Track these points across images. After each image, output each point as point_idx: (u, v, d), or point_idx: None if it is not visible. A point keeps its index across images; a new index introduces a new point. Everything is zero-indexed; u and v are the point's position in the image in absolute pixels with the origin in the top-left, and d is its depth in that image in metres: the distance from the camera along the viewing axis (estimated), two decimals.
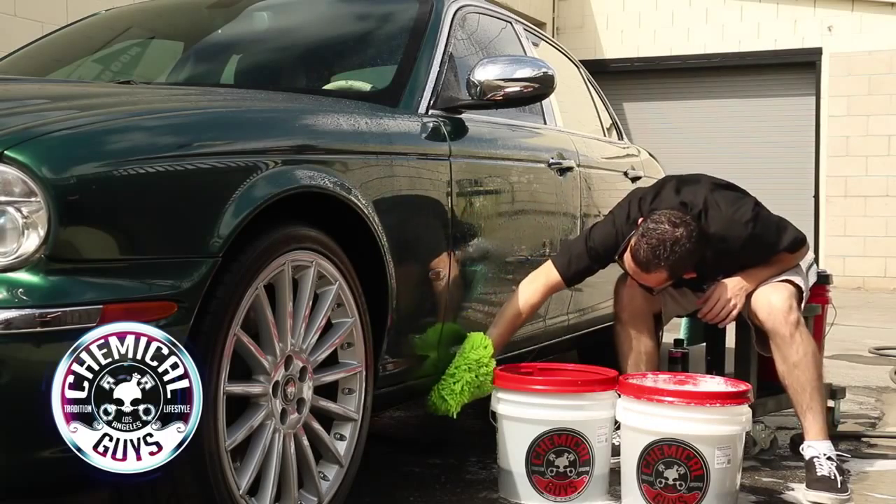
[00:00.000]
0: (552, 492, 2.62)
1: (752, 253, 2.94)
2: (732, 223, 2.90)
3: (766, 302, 2.89)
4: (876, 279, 10.15)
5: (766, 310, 2.89)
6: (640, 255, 2.82)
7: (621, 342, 3.11)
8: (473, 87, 2.79)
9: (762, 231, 2.93)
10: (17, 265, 1.63)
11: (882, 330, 6.66)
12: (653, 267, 2.81)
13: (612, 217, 3.07)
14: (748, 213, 2.92)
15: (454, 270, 2.71)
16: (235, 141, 2.00)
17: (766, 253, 2.96)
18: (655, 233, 2.79)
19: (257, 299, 1.98)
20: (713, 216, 2.90)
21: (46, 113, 1.87)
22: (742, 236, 2.89)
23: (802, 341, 2.85)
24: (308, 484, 2.18)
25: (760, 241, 2.92)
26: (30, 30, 4.86)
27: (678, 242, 2.77)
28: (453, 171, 2.72)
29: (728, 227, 2.89)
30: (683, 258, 2.80)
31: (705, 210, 2.91)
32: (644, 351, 3.07)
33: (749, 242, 2.90)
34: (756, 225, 2.91)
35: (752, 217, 2.92)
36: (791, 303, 2.87)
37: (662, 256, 2.78)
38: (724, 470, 2.49)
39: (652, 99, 11.09)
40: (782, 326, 2.84)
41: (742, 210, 2.92)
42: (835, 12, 10.41)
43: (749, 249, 2.92)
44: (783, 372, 2.87)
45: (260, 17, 3.43)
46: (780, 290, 2.91)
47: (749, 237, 2.90)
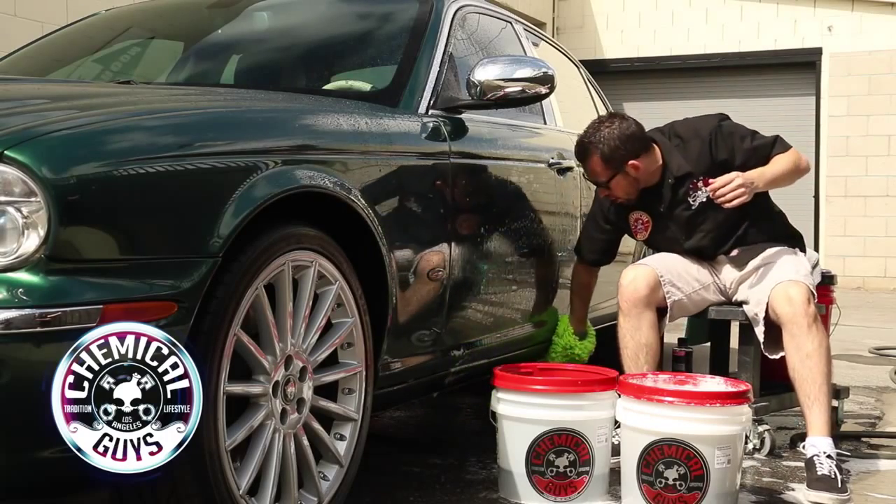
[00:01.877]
0: (552, 492, 2.62)
1: (733, 153, 3.12)
2: (700, 120, 3.23)
3: (785, 294, 2.95)
4: (876, 279, 10.15)
5: (785, 301, 2.94)
6: (575, 148, 3.19)
7: (622, 334, 3.12)
8: (473, 87, 2.79)
9: (732, 128, 3.18)
10: (17, 265, 1.63)
11: (882, 330, 6.66)
12: (586, 152, 3.13)
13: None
14: (715, 117, 3.23)
15: (454, 270, 2.71)
16: (235, 141, 2.00)
17: (751, 153, 3.12)
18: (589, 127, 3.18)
19: (257, 299, 1.98)
20: (680, 122, 3.27)
21: (46, 113, 1.86)
22: (710, 129, 3.13)
23: (818, 333, 2.89)
24: (308, 484, 2.18)
25: (733, 135, 3.14)
26: (30, 30, 4.86)
27: (604, 124, 3.13)
28: (453, 171, 2.72)
29: (696, 122, 3.22)
30: (612, 138, 3.07)
31: (672, 127, 3.25)
32: (645, 343, 3.07)
33: (720, 136, 3.12)
34: (724, 121, 3.19)
35: (720, 117, 3.22)
36: (809, 297, 2.94)
37: (590, 136, 3.12)
38: (724, 470, 2.49)
39: (652, 99, 11.08)
40: (801, 317, 2.89)
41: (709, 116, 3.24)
42: (835, 12, 10.41)
43: (723, 144, 3.12)
44: (795, 362, 2.89)
45: (260, 17, 3.43)
46: (799, 285, 2.97)
47: (717, 127, 3.14)
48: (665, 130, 3.25)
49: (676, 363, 3.31)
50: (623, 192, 3.15)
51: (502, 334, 3.11)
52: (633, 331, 3.08)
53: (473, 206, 2.85)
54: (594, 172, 3.15)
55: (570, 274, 3.46)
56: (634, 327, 3.08)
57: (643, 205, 3.21)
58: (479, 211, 2.89)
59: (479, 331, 2.97)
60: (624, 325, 3.11)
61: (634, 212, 3.24)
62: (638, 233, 3.28)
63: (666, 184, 3.15)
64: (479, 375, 2.98)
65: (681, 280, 3.16)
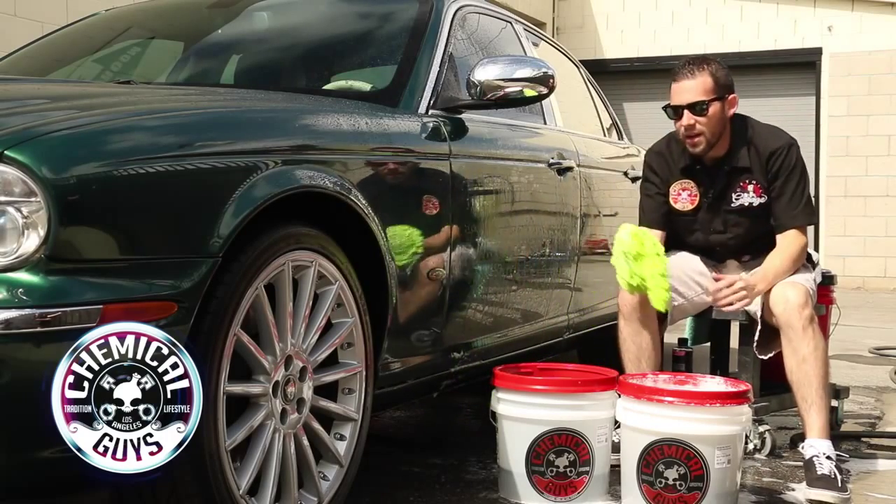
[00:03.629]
0: (552, 492, 2.62)
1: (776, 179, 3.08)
2: (776, 130, 3.19)
3: (782, 296, 2.95)
4: (876, 279, 10.15)
5: (782, 303, 2.93)
6: (676, 71, 3.16)
7: (623, 338, 3.12)
8: (473, 87, 2.79)
9: (797, 159, 3.11)
10: (17, 265, 1.63)
11: (882, 330, 6.66)
12: (702, 63, 3.12)
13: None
14: (790, 137, 3.17)
15: (454, 270, 2.71)
16: (235, 141, 2.00)
17: (783, 199, 3.08)
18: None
19: (257, 299, 1.98)
20: (755, 120, 3.22)
21: (46, 113, 1.86)
22: (780, 146, 3.09)
23: (814, 336, 2.89)
24: (308, 484, 2.18)
25: (794, 168, 3.09)
26: (30, 30, 4.86)
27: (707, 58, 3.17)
28: (453, 171, 2.72)
29: (772, 129, 3.18)
30: (724, 67, 3.13)
31: (746, 120, 3.21)
32: (645, 347, 3.07)
33: (786, 156, 3.08)
34: (794, 147, 3.12)
35: (793, 140, 3.15)
36: (806, 299, 2.93)
37: (702, 56, 3.17)
38: (724, 470, 2.49)
39: (652, 99, 11.05)
40: (797, 320, 2.88)
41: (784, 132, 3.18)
42: (835, 12, 10.41)
43: (782, 166, 3.08)
44: (791, 366, 2.89)
45: (260, 17, 3.43)
46: (797, 287, 2.96)
47: (787, 149, 3.09)
48: (740, 118, 3.21)
49: (676, 363, 3.31)
50: (711, 127, 3.09)
51: (502, 334, 3.10)
52: (635, 335, 3.07)
53: (473, 206, 2.85)
54: (702, 90, 3.08)
55: (572, 274, 3.44)
56: (635, 331, 3.07)
57: (698, 181, 3.19)
58: (479, 211, 2.89)
59: (479, 331, 2.97)
60: (624, 329, 3.10)
61: (687, 180, 3.20)
62: (678, 201, 3.21)
63: (722, 170, 3.14)
64: (480, 375, 2.98)
65: (684, 285, 3.15)
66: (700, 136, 3.09)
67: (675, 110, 3.13)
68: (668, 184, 3.22)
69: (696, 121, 3.08)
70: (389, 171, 2.47)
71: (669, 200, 3.22)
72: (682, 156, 3.19)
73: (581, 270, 3.62)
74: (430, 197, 2.63)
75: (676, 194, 3.21)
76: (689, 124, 3.09)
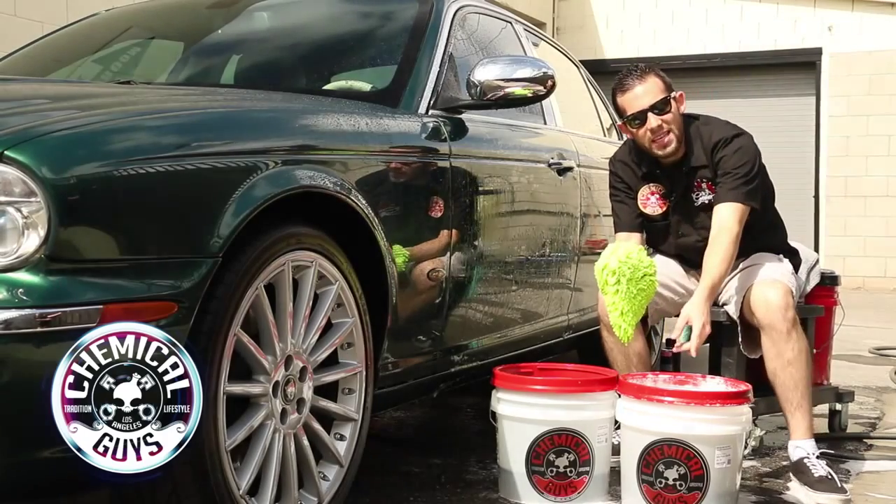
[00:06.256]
0: (552, 492, 2.62)
1: (723, 166, 3.04)
2: (725, 125, 3.15)
3: (763, 298, 2.89)
4: (876, 279, 10.14)
5: (763, 306, 2.88)
6: (620, 83, 3.10)
7: (609, 346, 3.09)
8: (473, 87, 2.79)
9: (741, 147, 3.06)
10: (17, 265, 1.63)
11: (882, 330, 6.65)
12: (645, 72, 3.08)
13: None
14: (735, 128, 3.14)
15: (454, 270, 2.71)
16: (235, 141, 2.00)
17: (721, 185, 3.03)
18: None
19: (257, 299, 1.99)
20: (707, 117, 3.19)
21: (46, 113, 1.87)
22: (723, 137, 3.06)
23: (798, 339, 2.85)
24: (308, 484, 2.18)
25: (733, 155, 3.04)
26: (30, 30, 4.86)
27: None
28: (453, 171, 2.72)
29: (720, 125, 3.14)
30: (658, 68, 3.12)
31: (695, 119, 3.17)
32: (633, 352, 3.05)
33: (723, 149, 3.04)
34: (740, 137, 3.08)
35: (738, 131, 3.11)
36: (788, 300, 2.87)
37: (640, 68, 3.10)
38: (724, 470, 2.49)
39: None
40: (780, 322, 2.84)
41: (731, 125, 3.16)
42: (835, 12, 10.41)
43: (718, 162, 3.05)
44: (775, 368, 2.86)
45: (260, 17, 3.43)
46: (777, 286, 2.90)
47: (731, 139, 3.05)
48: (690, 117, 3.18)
49: (664, 364, 3.29)
50: (677, 124, 3.06)
51: (502, 334, 3.10)
52: (618, 342, 3.00)
53: (473, 207, 2.85)
54: (657, 89, 3.05)
55: (571, 274, 3.44)
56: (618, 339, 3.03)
57: (663, 185, 3.16)
58: (479, 211, 2.89)
59: (479, 331, 2.97)
60: (609, 339, 3.06)
61: (653, 184, 3.16)
62: (647, 206, 3.17)
63: (681, 171, 3.11)
64: (479, 375, 2.98)
65: (667, 289, 3.11)
66: (669, 133, 3.05)
67: (636, 117, 3.06)
68: (636, 190, 3.18)
69: (663, 120, 3.04)
70: (390, 171, 2.47)
71: (639, 206, 3.19)
72: (643, 162, 3.15)
73: (581, 270, 3.62)
74: (431, 197, 2.63)
75: (645, 199, 3.18)
76: (657, 126, 3.04)
